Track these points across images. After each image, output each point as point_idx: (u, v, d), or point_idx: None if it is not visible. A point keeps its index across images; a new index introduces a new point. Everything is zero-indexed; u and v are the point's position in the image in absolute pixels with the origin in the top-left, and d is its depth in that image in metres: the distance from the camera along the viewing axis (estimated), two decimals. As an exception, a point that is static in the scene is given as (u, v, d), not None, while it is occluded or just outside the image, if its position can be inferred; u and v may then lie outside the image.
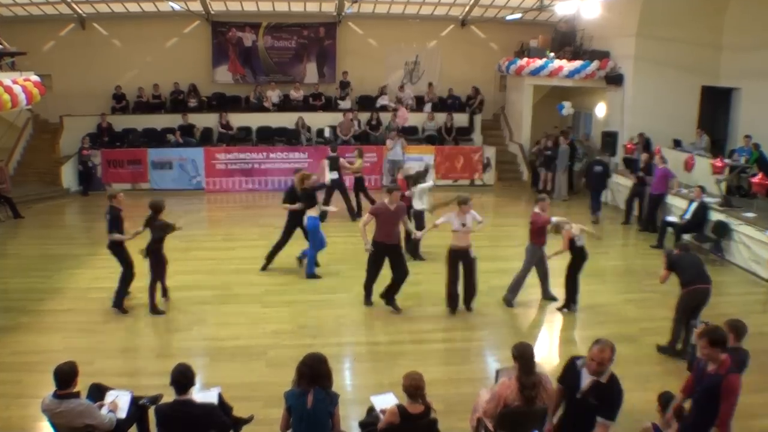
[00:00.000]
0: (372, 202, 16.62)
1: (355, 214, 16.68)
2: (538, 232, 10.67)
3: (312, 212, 11.87)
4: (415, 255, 13.21)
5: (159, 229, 10.38)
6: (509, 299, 11.04)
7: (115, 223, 10.29)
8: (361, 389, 7.95)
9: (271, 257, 12.53)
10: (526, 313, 10.87)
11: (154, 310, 10.44)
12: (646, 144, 18.25)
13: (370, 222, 10.40)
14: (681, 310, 9.11)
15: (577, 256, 10.62)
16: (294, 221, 12.29)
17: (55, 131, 21.05)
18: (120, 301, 10.55)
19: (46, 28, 21.76)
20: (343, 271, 12.59)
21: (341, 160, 16.53)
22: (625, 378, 8.38)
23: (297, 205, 11.96)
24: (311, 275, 12.12)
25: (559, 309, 10.88)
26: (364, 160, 20.42)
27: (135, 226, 10.69)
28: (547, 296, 11.26)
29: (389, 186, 11.17)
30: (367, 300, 10.82)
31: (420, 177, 13.55)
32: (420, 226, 12.94)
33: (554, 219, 10.50)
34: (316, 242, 12.02)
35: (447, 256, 10.59)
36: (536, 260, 10.90)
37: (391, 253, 10.49)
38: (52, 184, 19.81)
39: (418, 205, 13.33)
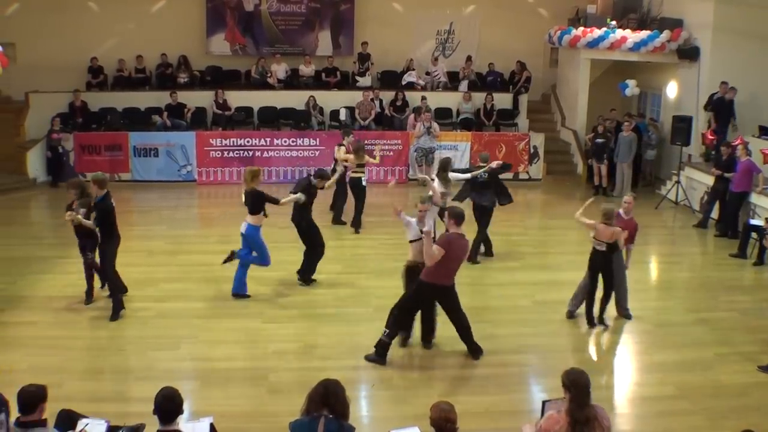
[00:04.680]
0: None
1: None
2: None
3: (252, 219, 11.79)
4: None
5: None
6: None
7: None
8: (381, 422, 7.95)
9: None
10: (578, 334, 10.84)
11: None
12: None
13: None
14: None
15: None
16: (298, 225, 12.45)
17: (20, 110, 21.17)
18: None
19: (10, -12, 22.02)
20: (358, 281, 12.60)
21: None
22: (696, 413, 8.43)
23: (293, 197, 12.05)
24: (239, 294, 11.90)
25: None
26: (388, 149, 20.51)
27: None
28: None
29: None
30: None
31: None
32: None
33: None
34: (263, 254, 11.88)
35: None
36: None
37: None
38: (15, 172, 19.93)
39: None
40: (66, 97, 21.12)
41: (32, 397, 5.86)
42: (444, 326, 10.69)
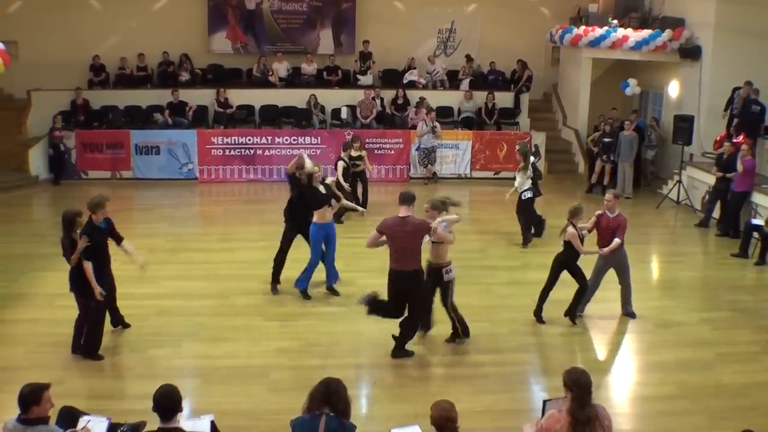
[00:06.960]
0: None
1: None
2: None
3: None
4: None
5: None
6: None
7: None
8: (382, 420, 7.94)
9: None
10: (581, 333, 10.83)
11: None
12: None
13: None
14: None
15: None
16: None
17: (22, 108, 21.22)
18: None
19: (12, -14, 22.02)
20: (358, 279, 12.56)
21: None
22: (696, 413, 8.43)
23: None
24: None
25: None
26: (389, 148, 20.58)
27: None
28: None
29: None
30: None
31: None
32: None
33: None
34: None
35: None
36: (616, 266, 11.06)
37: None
38: (17, 170, 19.99)
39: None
40: (68, 95, 21.14)
41: (30, 398, 5.86)
42: (443, 325, 10.71)
